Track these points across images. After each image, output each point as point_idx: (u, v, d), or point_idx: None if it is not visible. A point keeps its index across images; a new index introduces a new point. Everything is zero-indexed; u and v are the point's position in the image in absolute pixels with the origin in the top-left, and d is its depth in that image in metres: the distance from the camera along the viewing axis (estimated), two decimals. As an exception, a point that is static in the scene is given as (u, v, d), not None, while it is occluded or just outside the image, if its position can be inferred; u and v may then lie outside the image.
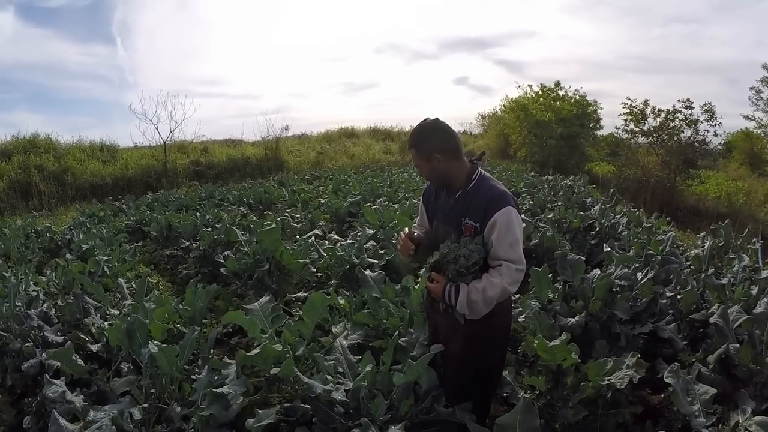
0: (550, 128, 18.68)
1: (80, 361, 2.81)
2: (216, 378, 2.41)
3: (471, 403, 2.32)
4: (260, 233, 4.24)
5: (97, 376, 2.91)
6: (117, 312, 3.60)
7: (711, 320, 3.28)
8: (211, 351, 3.01)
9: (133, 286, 4.35)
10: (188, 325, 3.55)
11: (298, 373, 2.35)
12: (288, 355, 2.73)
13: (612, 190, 9.59)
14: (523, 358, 3.39)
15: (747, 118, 15.35)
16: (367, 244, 5.24)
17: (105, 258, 4.65)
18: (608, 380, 2.60)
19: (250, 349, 3.86)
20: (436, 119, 2.25)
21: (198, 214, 7.41)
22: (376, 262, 5.00)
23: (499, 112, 28.44)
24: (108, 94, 56.15)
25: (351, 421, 2.25)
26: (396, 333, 2.92)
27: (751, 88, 15.06)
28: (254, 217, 7.58)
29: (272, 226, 4.47)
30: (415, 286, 3.58)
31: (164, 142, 18.24)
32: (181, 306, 3.65)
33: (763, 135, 15.93)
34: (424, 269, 3.94)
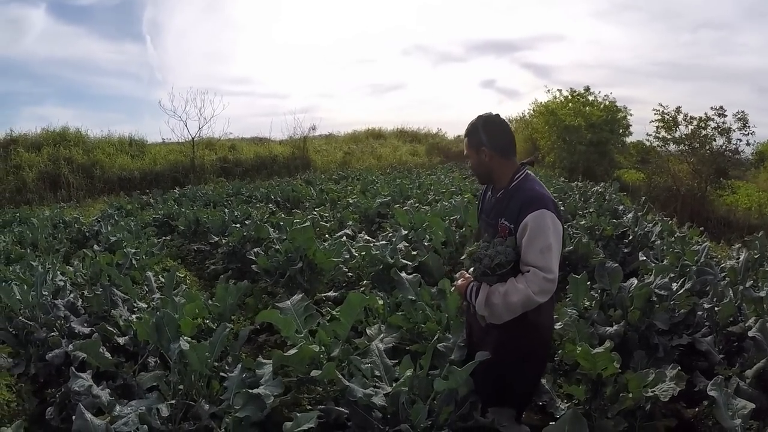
0: (580, 133, 18.19)
1: (107, 354, 2.73)
2: (249, 377, 2.28)
3: (514, 411, 2.22)
4: (293, 231, 4.12)
5: (123, 370, 2.82)
6: (145, 305, 3.52)
7: (750, 333, 3.22)
8: (241, 349, 2.89)
9: (161, 279, 4.28)
10: (217, 322, 3.47)
11: (340, 377, 2.21)
12: (323, 356, 2.60)
13: (644, 198, 9.25)
14: (559, 366, 3.25)
15: None
16: (400, 245, 5.07)
17: (133, 251, 4.59)
18: (652, 392, 2.55)
19: (281, 348, 3.80)
20: (497, 114, 2.21)
21: (226, 210, 7.36)
22: (409, 263, 4.85)
23: (528, 117, 27.99)
24: (137, 91, 57.53)
25: (389, 426, 2.16)
26: (435, 337, 2.75)
27: None
28: (282, 215, 7.49)
29: (306, 224, 4.35)
30: (452, 290, 3.43)
31: (192, 139, 18.42)
32: (210, 302, 3.56)
33: None
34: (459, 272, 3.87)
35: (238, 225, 6.18)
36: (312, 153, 19.91)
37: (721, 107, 13.42)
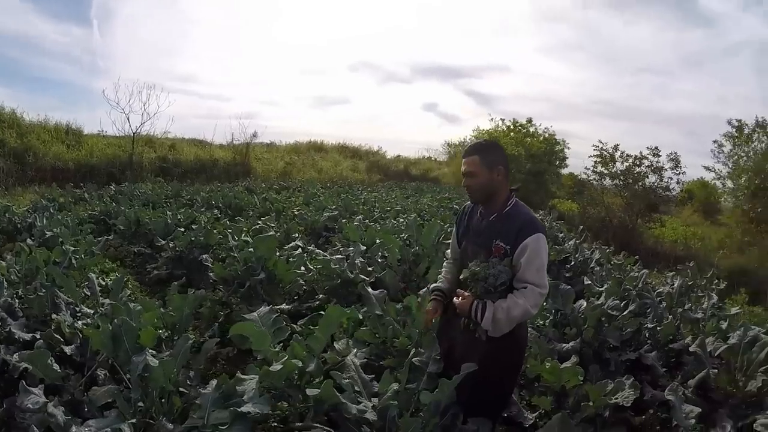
0: (520, 163, 19.10)
1: (56, 366, 2.43)
2: (227, 394, 2.12)
3: (490, 422, 2.31)
4: (257, 240, 3.96)
5: (70, 384, 2.53)
6: (90, 311, 3.21)
7: (690, 349, 3.68)
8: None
9: (105, 282, 3.93)
10: (172, 332, 3.24)
11: (337, 394, 2.12)
12: (297, 371, 2.49)
13: (581, 227, 9.84)
14: (521, 380, 3.42)
15: (707, 169, 16.10)
16: (357, 261, 5.01)
17: (72, 248, 4.18)
18: (615, 399, 2.83)
19: (237, 362, 3.61)
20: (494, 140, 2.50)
21: (168, 212, 6.94)
22: (366, 278, 4.80)
23: (469, 142, 28.92)
24: (78, 78, 53.02)
25: None
26: (412, 352, 2.73)
27: (714, 142, 15.73)
28: (227, 222, 7.18)
29: (270, 233, 4.19)
30: (418, 305, 3.44)
31: (133, 134, 17.42)
32: (162, 311, 3.31)
33: (720, 186, 16.78)
34: (423, 290, 3.89)
35: (182, 229, 5.84)
36: (253, 160, 19.39)
37: (656, 147, 14.71)
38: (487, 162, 2.26)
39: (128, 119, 17.51)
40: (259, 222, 8.45)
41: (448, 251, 2.74)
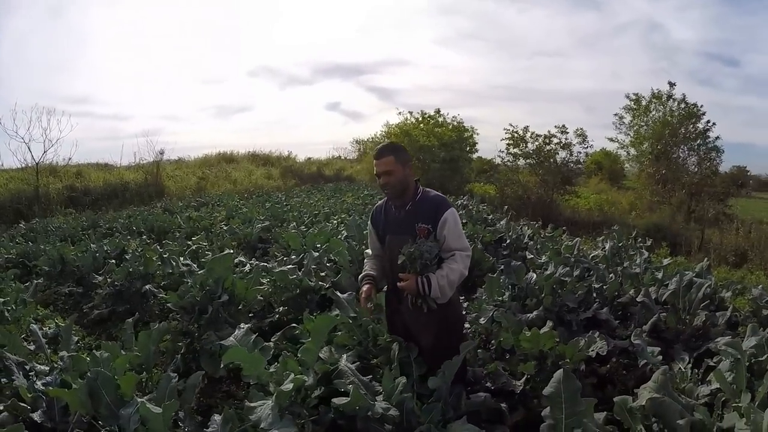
0: (433, 152, 19.60)
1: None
2: (240, 426, 2.01)
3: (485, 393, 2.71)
4: (213, 261, 3.72)
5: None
6: (45, 367, 2.87)
7: (638, 299, 4.16)
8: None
9: (47, 332, 3.52)
10: (140, 372, 2.99)
11: (366, 397, 2.14)
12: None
13: (506, 207, 10.35)
14: (495, 353, 3.60)
15: (611, 140, 17.61)
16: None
17: (1, 300, 3.69)
18: (592, 352, 3.19)
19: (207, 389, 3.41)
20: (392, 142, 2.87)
21: (92, 245, 6.33)
22: (324, 285, 4.74)
23: (379, 138, 29.24)
24: None
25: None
26: (397, 348, 2.80)
27: (615, 114, 17.28)
28: (158, 247, 6.71)
29: (225, 252, 3.97)
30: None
31: (36, 164, 15.67)
32: (123, 352, 3.04)
33: (624, 154, 18.34)
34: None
35: (113, 261, 5.38)
36: (165, 179, 18.18)
37: (564, 126, 15.74)
38: (400, 160, 2.59)
39: (29, 149, 15.79)
40: (190, 242, 8.00)
41: (368, 250, 3.01)
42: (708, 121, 14.82)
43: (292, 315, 4.56)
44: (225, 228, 9.06)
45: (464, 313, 2.88)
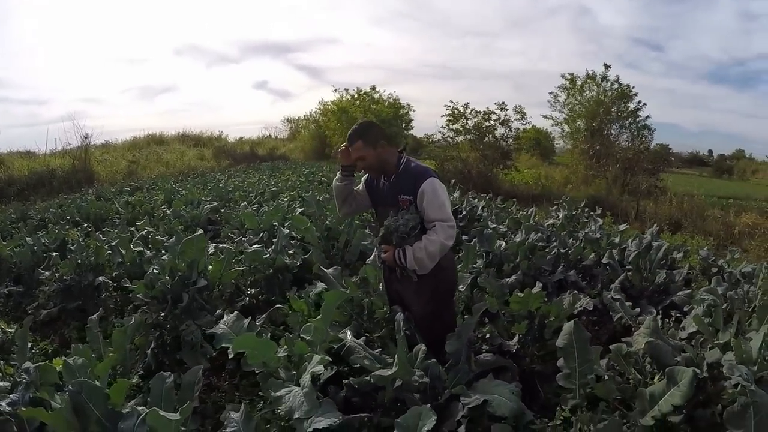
0: (370, 129, 19.27)
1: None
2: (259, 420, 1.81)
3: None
4: (186, 243, 3.38)
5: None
6: (6, 384, 2.47)
7: (604, 261, 4.43)
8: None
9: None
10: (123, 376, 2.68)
11: (410, 368, 2.14)
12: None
13: (453, 181, 10.47)
14: (481, 318, 3.56)
15: (546, 117, 17.89)
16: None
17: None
18: (580, 308, 3.36)
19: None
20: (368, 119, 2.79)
21: (28, 238, 5.62)
22: (296, 263, 4.51)
23: (314, 116, 28.54)
24: None
25: (438, 395, 2.22)
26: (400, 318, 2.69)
27: (550, 93, 17.58)
28: (100, 235, 6.11)
29: (198, 233, 3.63)
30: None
31: None
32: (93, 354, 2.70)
33: (558, 131, 18.56)
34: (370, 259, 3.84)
35: (55, 254, 4.81)
36: (94, 164, 16.61)
37: (503, 103, 15.90)
38: (369, 142, 2.55)
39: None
40: (133, 229, 7.37)
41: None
42: (639, 102, 15.55)
43: (264, 296, 4.32)
44: (169, 211, 8.45)
45: (452, 280, 2.77)
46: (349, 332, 2.63)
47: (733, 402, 1.90)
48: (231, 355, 2.23)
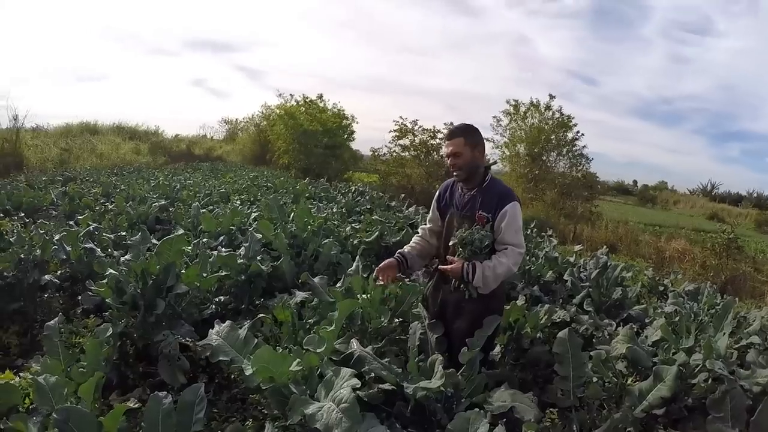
0: (317, 137, 19.01)
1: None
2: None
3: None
4: (164, 243, 2.99)
5: None
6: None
7: (565, 277, 4.71)
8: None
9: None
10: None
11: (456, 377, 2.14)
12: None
13: (402, 195, 10.50)
14: None
15: (486, 140, 18.24)
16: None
17: None
18: (557, 319, 3.59)
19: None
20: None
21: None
22: (266, 269, 4.22)
23: (256, 119, 27.66)
24: None
25: (455, 405, 2.19)
26: (418, 328, 2.66)
27: (494, 117, 17.85)
28: (40, 230, 5.39)
29: (178, 233, 3.26)
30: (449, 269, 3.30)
31: None
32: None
33: (498, 153, 18.60)
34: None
35: (-10, 247, 4.16)
36: (23, 148, 14.75)
37: (452, 123, 16.13)
38: (470, 142, 2.47)
39: None
40: (72, 223, 6.62)
41: (423, 226, 2.90)
42: (578, 132, 16.35)
43: (233, 304, 3.99)
44: (111, 206, 7.70)
45: (499, 307, 2.65)
46: (355, 342, 2.44)
47: (705, 394, 2.31)
48: (248, 372, 1.96)
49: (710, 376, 2.52)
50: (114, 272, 3.12)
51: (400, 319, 3.39)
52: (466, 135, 2.47)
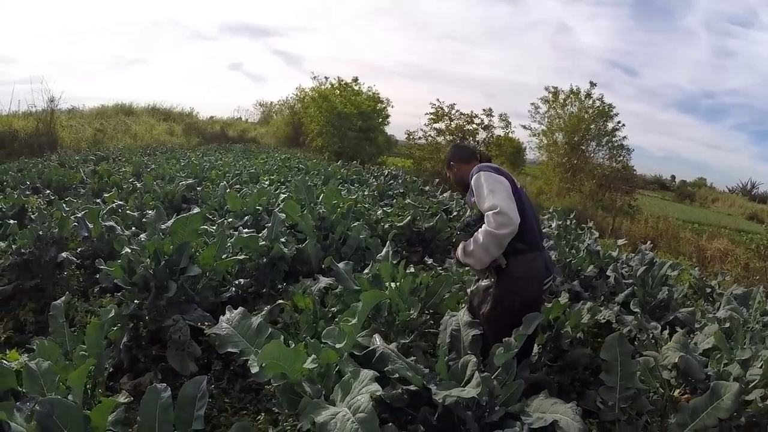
0: (351, 121, 18.72)
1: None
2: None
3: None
4: (178, 222, 2.82)
5: None
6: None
7: (608, 273, 4.36)
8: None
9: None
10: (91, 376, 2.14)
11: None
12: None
13: (437, 180, 10.19)
14: None
15: (524, 127, 17.49)
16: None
17: None
18: (604, 318, 3.47)
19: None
20: (459, 141, 3.08)
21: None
22: (291, 252, 4.02)
23: (290, 101, 27.60)
24: None
25: (488, 412, 1.93)
26: (450, 322, 2.49)
27: (532, 104, 17.25)
28: (64, 205, 5.37)
29: (195, 211, 3.07)
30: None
31: None
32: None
33: (536, 141, 18.01)
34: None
35: (12, 221, 4.12)
36: (59, 129, 15.14)
37: (490, 109, 15.79)
38: (447, 164, 2.88)
39: None
40: (99, 201, 6.63)
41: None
42: (619, 122, 15.59)
43: (253, 288, 3.81)
44: (139, 185, 7.70)
45: (524, 290, 2.44)
46: (378, 338, 2.19)
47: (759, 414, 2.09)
48: (255, 369, 1.74)
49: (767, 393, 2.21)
50: (128, 251, 2.98)
51: (431, 311, 3.14)
52: (447, 161, 2.86)
